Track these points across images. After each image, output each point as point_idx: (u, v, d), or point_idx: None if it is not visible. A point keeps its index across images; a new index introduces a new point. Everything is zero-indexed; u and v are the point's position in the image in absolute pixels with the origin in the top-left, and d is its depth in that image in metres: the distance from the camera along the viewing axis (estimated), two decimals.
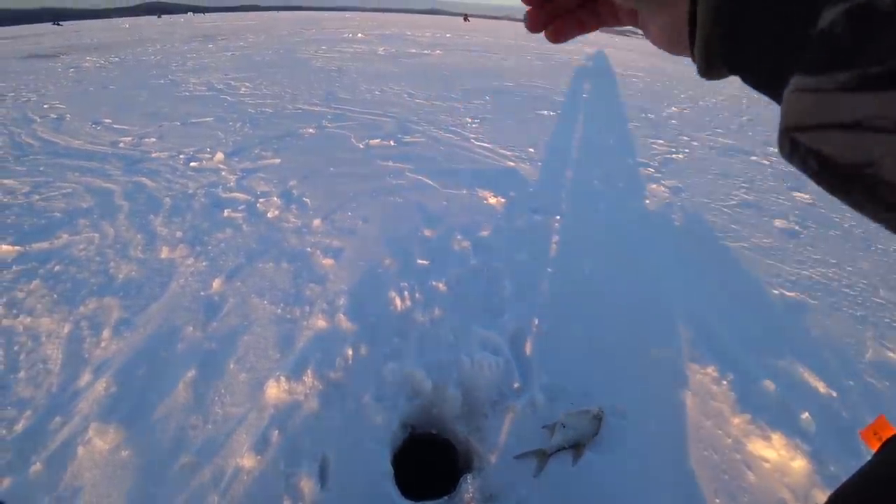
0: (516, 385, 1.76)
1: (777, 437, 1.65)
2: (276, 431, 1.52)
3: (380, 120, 5.02)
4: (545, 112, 6.18)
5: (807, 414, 1.76)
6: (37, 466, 1.42)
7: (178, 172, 3.37)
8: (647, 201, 3.70)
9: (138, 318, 1.99)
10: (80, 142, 3.87)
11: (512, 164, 4.08)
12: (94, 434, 1.51)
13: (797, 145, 0.21)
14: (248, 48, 9.78)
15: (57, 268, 2.27)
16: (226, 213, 2.80)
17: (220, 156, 3.64)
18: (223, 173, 3.38)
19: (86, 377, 1.72)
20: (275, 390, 1.65)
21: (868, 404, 1.93)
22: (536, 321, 2.09)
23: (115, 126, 4.31)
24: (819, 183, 0.21)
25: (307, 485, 1.38)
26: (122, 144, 3.87)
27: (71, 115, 4.53)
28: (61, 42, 9.52)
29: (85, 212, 2.76)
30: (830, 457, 1.62)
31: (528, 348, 1.95)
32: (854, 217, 4.10)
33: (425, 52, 11.07)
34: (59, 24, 15.41)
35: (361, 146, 4.16)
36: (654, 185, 4.05)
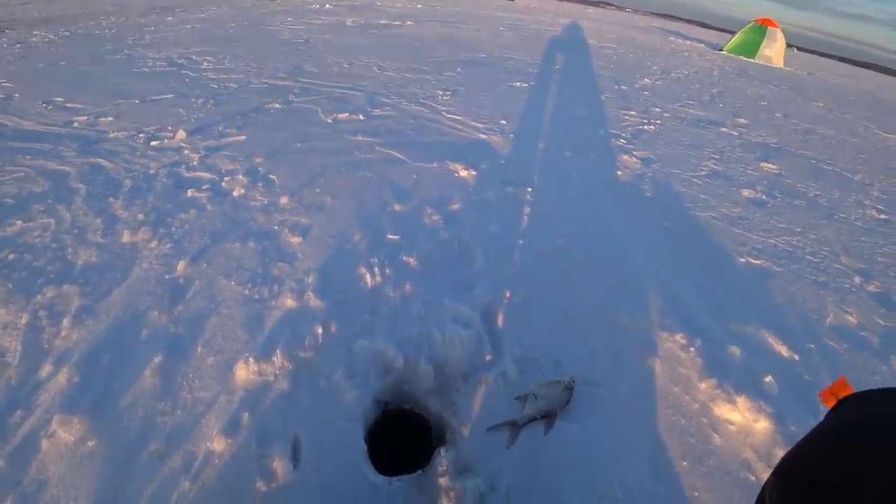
0: (488, 358, 1.77)
1: (742, 401, 1.71)
2: (247, 414, 1.50)
3: (348, 93, 4.89)
4: (518, 84, 6.11)
5: (770, 377, 1.82)
6: None
7: (137, 152, 3.22)
8: (619, 172, 3.73)
9: (100, 304, 1.92)
10: (30, 122, 3.66)
11: (483, 136, 4.04)
12: (58, 426, 1.46)
13: None
14: (210, 20, 9.35)
15: (11, 256, 2.16)
16: (189, 193, 2.70)
17: (182, 134, 3.50)
18: (186, 152, 3.25)
19: (47, 368, 1.65)
20: (244, 372, 1.62)
21: (828, 366, 2.01)
22: (508, 293, 2.09)
23: (67, 105, 4.08)
24: None
25: (279, 466, 1.37)
26: (76, 124, 3.68)
27: (19, 95, 4.27)
28: (6, 15, 8.94)
29: (39, 196, 2.63)
30: (791, 417, 1.68)
31: (500, 321, 1.95)
32: (819, 187, 4.22)
33: (395, 23, 10.78)
34: None
35: (329, 120, 4.06)
36: (625, 156, 4.07)
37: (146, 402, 1.56)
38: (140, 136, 3.49)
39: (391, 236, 2.43)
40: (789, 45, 17.84)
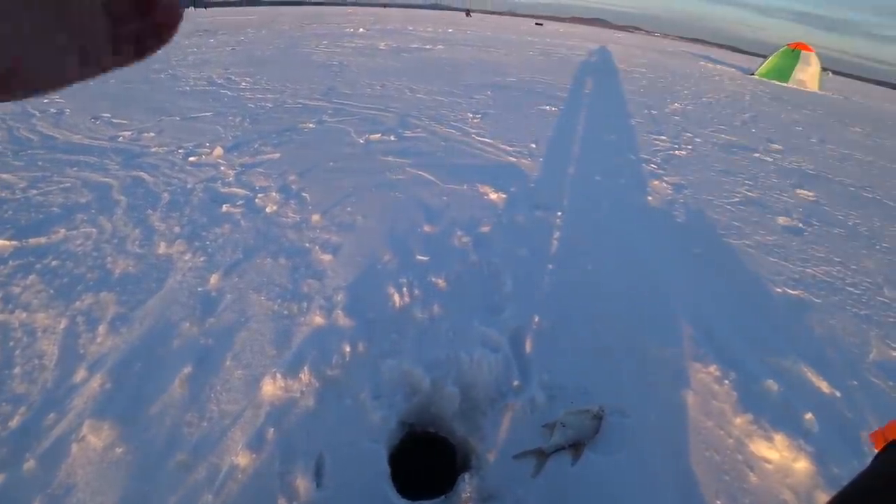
0: (516, 383, 1.74)
1: (779, 438, 1.63)
2: (272, 429, 1.50)
3: (381, 115, 4.99)
4: (547, 107, 6.14)
5: (810, 414, 1.74)
6: (30, 463, 1.40)
7: (176, 167, 3.34)
8: (650, 198, 3.68)
9: (135, 313, 1.97)
10: (79, 136, 3.83)
11: (513, 159, 4.05)
12: (89, 431, 1.49)
13: None
14: (249, 43, 9.72)
15: (54, 263, 2.25)
16: (224, 208, 2.77)
17: (219, 151, 3.61)
18: (222, 168, 3.35)
19: (81, 373, 1.69)
20: (271, 387, 1.63)
21: (872, 405, 1.91)
22: (537, 318, 2.06)
23: (114, 120, 4.28)
24: None
25: (302, 484, 1.36)
26: (121, 139, 3.84)
27: (70, 110, 4.49)
28: None
29: (83, 206, 2.73)
30: (833, 458, 1.60)
31: (528, 346, 1.92)
32: (859, 215, 4.07)
33: (427, 46, 11.01)
34: None
35: (362, 141, 4.13)
36: (656, 182, 4.02)
37: (174, 412, 1.57)
38: (179, 151, 3.61)
39: (421, 257, 2.44)
40: (824, 69, 17.50)
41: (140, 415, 1.57)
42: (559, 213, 3.11)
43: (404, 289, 2.16)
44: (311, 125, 4.46)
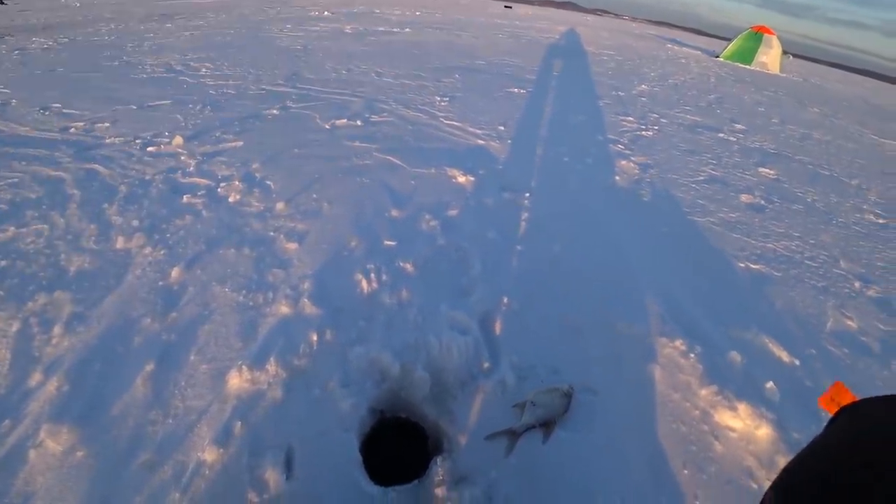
0: (486, 365, 1.74)
1: (743, 407, 1.68)
2: (239, 423, 1.47)
3: (347, 100, 4.89)
4: (515, 90, 6.12)
5: (771, 383, 1.80)
6: None
7: (134, 158, 3.21)
8: (617, 177, 3.72)
9: (92, 312, 1.90)
10: (26, 128, 3.64)
11: (481, 142, 4.03)
12: (47, 435, 1.43)
13: None
14: (209, 27, 9.36)
15: (3, 263, 2.14)
16: (185, 199, 2.68)
17: (178, 140, 3.48)
18: (182, 158, 3.24)
19: (36, 376, 1.62)
20: (237, 380, 1.60)
21: (829, 371, 1.99)
22: (506, 300, 2.07)
23: (65, 111, 4.07)
24: None
25: (272, 476, 1.34)
26: (73, 130, 3.66)
27: (16, 101, 4.25)
28: (5, 22, 8.95)
29: (33, 202, 2.60)
30: (793, 423, 1.66)
31: (498, 328, 1.93)
32: (817, 192, 4.21)
33: (394, 30, 10.82)
34: (3, 3, 14.49)
35: (327, 126, 4.05)
36: (623, 162, 4.06)
37: (137, 411, 1.53)
38: (137, 141, 3.47)
39: (388, 242, 2.41)
40: (785, 52, 17.94)
41: (101, 416, 1.51)
42: (527, 195, 3.11)
43: (372, 275, 2.14)
44: (275, 111, 4.34)
